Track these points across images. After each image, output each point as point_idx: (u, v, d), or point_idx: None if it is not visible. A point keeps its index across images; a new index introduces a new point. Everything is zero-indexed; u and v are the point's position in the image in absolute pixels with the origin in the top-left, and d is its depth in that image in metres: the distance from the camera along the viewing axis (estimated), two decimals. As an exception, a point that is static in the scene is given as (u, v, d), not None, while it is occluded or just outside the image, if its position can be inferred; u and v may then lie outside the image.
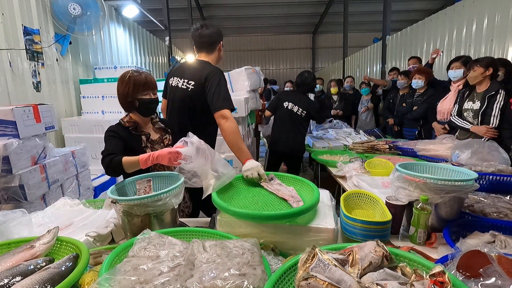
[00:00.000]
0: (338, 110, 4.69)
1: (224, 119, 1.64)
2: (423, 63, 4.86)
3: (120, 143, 1.45)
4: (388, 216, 1.11)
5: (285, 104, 3.00)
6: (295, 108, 2.99)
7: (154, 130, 1.61)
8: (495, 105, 2.29)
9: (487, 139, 2.25)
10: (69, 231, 1.20)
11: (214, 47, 1.87)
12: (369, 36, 10.42)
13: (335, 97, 5.00)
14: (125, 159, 1.31)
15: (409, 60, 4.20)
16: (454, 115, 2.59)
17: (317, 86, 4.92)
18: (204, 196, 1.21)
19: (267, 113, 3.26)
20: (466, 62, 2.78)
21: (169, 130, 1.66)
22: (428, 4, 10.58)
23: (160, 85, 6.15)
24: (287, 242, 1.02)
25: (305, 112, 2.97)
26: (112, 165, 1.32)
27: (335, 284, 0.63)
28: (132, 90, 1.47)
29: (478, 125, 2.40)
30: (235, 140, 1.63)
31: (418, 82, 3.36)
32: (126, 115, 1.55)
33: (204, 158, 1.23)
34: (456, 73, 2.83)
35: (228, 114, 1.66)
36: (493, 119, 2.30)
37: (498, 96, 2.29)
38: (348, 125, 4.50)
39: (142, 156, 1.29)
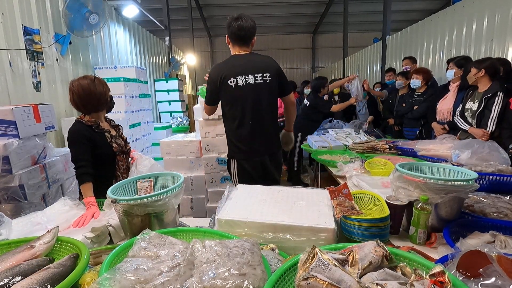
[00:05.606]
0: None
1: (293, 98, 2.08)
2: (424, 63, 4.87)
3: (88, 148, 1.59)
4: (386, 211, 1.11)
5: None
6: None
7: (110, 127, 1.79)
8: (493, 108, 2.26)
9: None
10: (68, 231, 1.20)
11: (252, 40, 1.93)
12: (369, 36, 10.43)
13: (336, 97, 5.01)
14: (83, 187, 1.51)
15: (403, 60, 4.21)
16: (457, 116, 2.59)
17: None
18: None
19: None
20: (459, 63, 2.80)
21: (120, 126, 1.87)
22: (428, 4, 10.59)
23: (160, 85, 6.12)
24: (287, 242, 1.02)
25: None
26: (78, 180, 1.54)
27: (335, 284, 0.63)
28: (106, 88, 1.69)
29: (475, 126, 2.40)
30: (295, 113, 2.16)
31: (415, 82, 3.38)
32: (84, 115, 1.67)
33: None
34: (449, 73, 2.87)
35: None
36: (491, 123, 2.27)
37: (497, 98, 2.25)
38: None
39: (88, 200, 1.45)
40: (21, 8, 2.68)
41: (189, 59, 8.60)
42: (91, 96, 1.62)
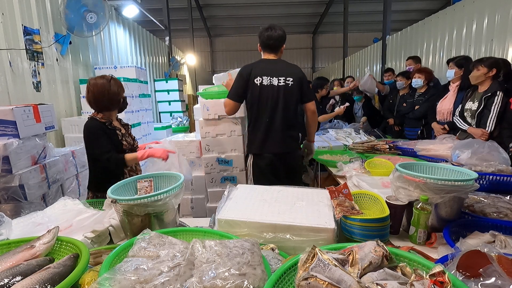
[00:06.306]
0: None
1: (312, 107, 2.12)
2: (424, 63, 4.86)
3: (108, 139, 1.68)
4: (386, 211, 1.11)
5: None
6: None
7: (120, 126, 1.86)
8: (493, 107, 2.25)
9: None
10: (69, 231, 1.20)
11: (281, 48, 2.09)
12: (369, 36, 10.42)
13: (337, 97, 4.99)
14: (127, 156, 1.67)
15: (406, 60, 4.17)
16: (456, 116, 2.58)
17: None
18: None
19: None
20: (459, 62, 2.79)
21: (129, 125, 1.97)
22: (428, 4, 10.59)
23: (160, 85, 6.10)
24: (287, 242, 1.02)
25: None
26: (116, 162, 1.65)
27: (335, 284, 0.63)
28: (120, 89, 1.76)
29: (475, 126, 2.39)
30: (315, 123, 2.23)
31: (417, 81, 3.37)
32: (97, 113, 1.74)
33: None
34: (449, 73, 2.85)
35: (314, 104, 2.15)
36: (490, 122, 2.26)
37: (496, 98, 2.24)
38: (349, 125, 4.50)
39: (139, 154, 1.68)
40: (21, 8, 2.68)
41: (189, 59, 8.60)
42: (104, 95, 1.69)
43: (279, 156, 2.09)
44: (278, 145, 2.07)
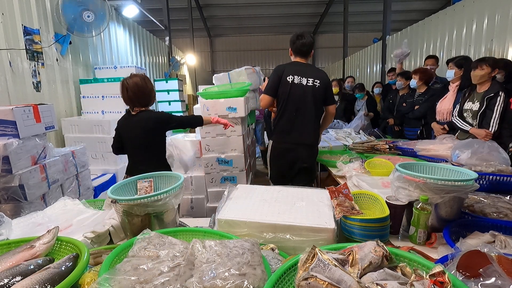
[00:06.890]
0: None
1: (333, 110, 2.38)
2: (424, 63, 4.84)
3: None
4: (386, 211, 1.11)
5: None
6: None
7: None
8: (495, 108, 2.24)
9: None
10: (69, 231, 1.20)
11: (311, 53, 2.34)
12: (369, 36, 10.43)
13: (336, 97, 4.99)
14: (204, 117, 2.10)
15: (426, 59, 4.04)
16: (455, 116, 2.57)
17: None
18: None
19: None
20: (459, 63, 2.78)
21: None
22: (428, 4, 10.59)
23: (160, 86, 6.08)
24: (287, 242, 1.03)
25: None
26: (200, 119, 2.07)
27: (335, 284, 0.63)
28: (152, 84, 1.90)
29: (476, 126, 2.38)
30: (330, 122, 2.59)
31: (412, 82, 3.40)
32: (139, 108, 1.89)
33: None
34: (449, 73, 2.84)
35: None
36: (493, 123, 2.25)
37: (498, 98, 2.24)
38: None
39: (211, 118, 2.14)
40: (21, 8, 2.68)
41: (189, 59, 8.59)
42: (145, 92, 1.85)
43: (300, 146, 2.27)
44: (301, 137, 2.27)
